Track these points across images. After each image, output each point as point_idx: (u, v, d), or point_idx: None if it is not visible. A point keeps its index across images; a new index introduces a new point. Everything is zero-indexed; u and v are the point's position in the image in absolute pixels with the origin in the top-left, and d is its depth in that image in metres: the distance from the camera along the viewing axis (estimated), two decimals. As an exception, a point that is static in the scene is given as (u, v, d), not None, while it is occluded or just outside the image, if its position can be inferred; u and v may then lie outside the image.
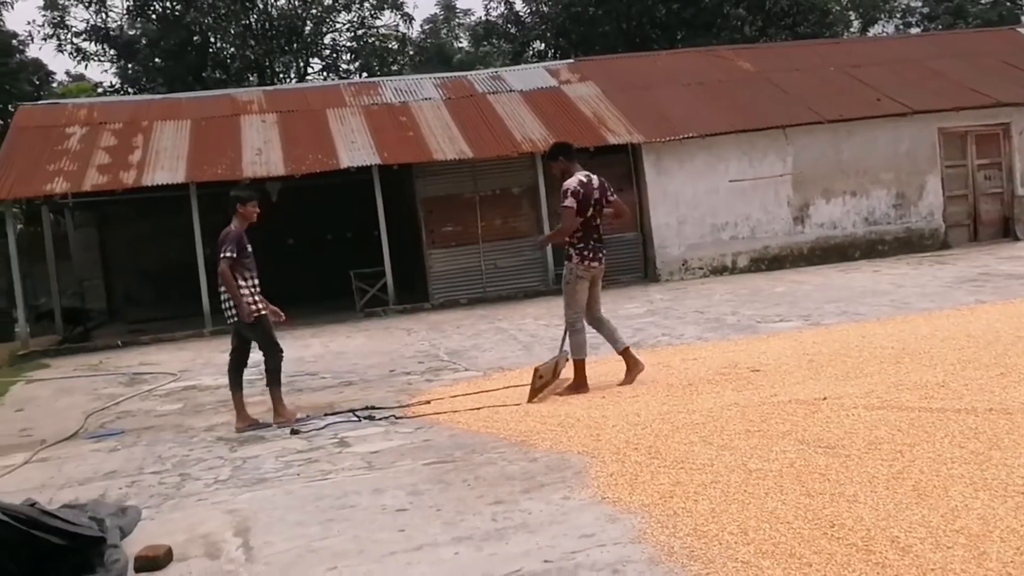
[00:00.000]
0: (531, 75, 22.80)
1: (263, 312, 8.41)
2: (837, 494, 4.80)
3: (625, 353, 8.72)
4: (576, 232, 8.49)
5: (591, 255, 8.56)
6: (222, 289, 8.34)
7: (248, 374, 8.80)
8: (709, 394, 7.70)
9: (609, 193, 8.70)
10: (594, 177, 8.65)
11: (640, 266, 20.05)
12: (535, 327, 14.03)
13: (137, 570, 4.84)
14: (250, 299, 8.31)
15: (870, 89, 21.22)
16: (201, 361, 13.80)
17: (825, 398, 6.97)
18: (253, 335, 8.52)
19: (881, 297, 13.56)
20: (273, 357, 8.46)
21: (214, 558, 5.01)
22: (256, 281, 8.43)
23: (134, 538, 5.34)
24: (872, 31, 42.29)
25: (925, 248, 20.30)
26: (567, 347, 8.86)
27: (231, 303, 8.30)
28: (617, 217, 9.02)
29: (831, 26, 35.44)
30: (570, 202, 8.42)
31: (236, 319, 8.35)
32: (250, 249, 8.40)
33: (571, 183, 8.49)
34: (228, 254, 8.20)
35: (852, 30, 41.16)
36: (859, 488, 4.86)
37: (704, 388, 7.98)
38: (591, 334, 8.75)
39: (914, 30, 40.80)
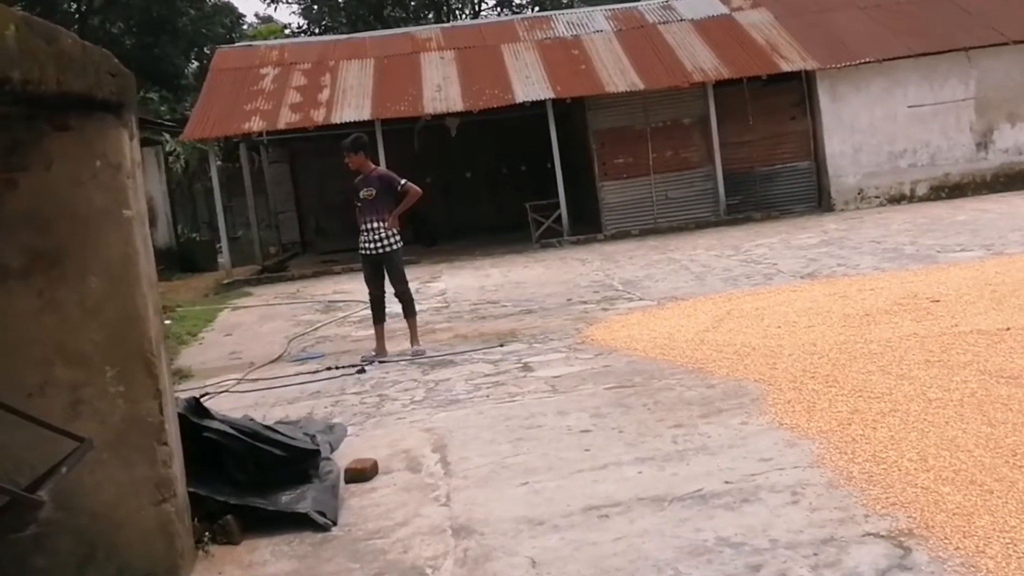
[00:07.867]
0: (702, 3, 22.37)
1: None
2: (1020, 424, 4.81)
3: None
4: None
5: None
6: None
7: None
8: (887, 324, 7.68)
9: None
10: None
11: (814, 196, 19.67)
12: (707, 257, 14.08)
13: (347, 481, 5.25)
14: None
15: (1060, 7, 19.93)
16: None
17: (1009, 328, 6.87)
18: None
19: (1072, 226, 12.97)
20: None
21: (415, 471, 5.38)
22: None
23: (341, 452, 5.75)
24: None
25: (1120, 173, 19.11)
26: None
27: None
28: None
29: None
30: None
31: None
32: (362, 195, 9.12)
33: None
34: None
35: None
36: (1043, 419, 4.86)
37: (882, 318, 7.94)
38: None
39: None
